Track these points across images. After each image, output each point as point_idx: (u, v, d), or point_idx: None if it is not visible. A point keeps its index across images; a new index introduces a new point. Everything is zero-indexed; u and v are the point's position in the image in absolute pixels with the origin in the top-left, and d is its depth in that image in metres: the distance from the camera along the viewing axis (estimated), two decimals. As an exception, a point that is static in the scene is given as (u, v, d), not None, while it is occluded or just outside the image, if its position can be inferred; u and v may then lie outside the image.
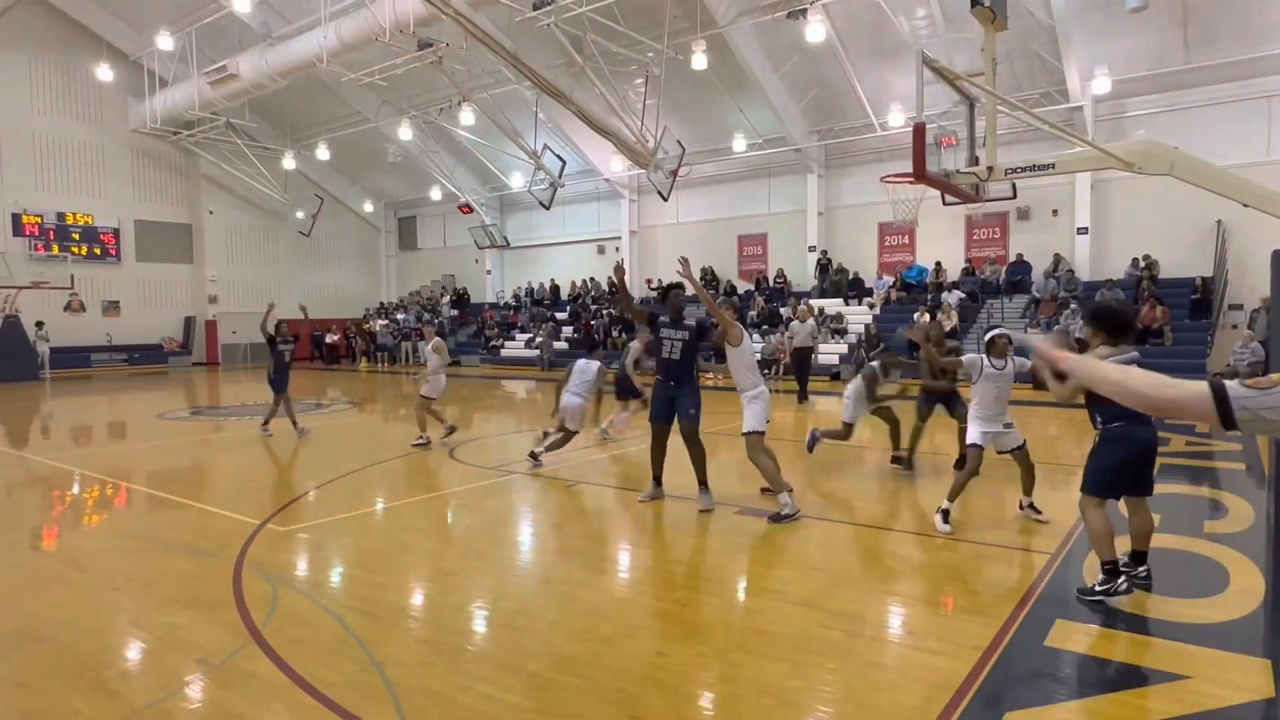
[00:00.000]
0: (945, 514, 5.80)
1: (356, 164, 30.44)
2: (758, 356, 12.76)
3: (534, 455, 8.55)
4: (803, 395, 14.67)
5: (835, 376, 18.16)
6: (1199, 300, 16.90)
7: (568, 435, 8.60)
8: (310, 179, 30.41)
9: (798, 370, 15.09)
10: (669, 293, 6.74)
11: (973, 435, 5.96)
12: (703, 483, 6.58)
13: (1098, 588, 4.32)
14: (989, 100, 9.42)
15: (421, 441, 9.90)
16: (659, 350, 6.55)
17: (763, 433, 6.29)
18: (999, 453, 6.19)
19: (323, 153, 27.12)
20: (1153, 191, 17.26)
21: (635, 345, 10.23)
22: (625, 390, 10.42)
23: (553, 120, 23.35)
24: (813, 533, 5.93)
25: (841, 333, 20.06)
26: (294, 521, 6.32)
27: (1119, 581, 4.31)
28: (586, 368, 8.86)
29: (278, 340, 11.11)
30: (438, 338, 10.47)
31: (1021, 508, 6.21)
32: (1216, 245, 17.45)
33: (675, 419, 6.52)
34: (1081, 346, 9.28)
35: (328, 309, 31.68)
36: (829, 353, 19.54)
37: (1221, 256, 17.27)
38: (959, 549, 5.45)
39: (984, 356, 6.09)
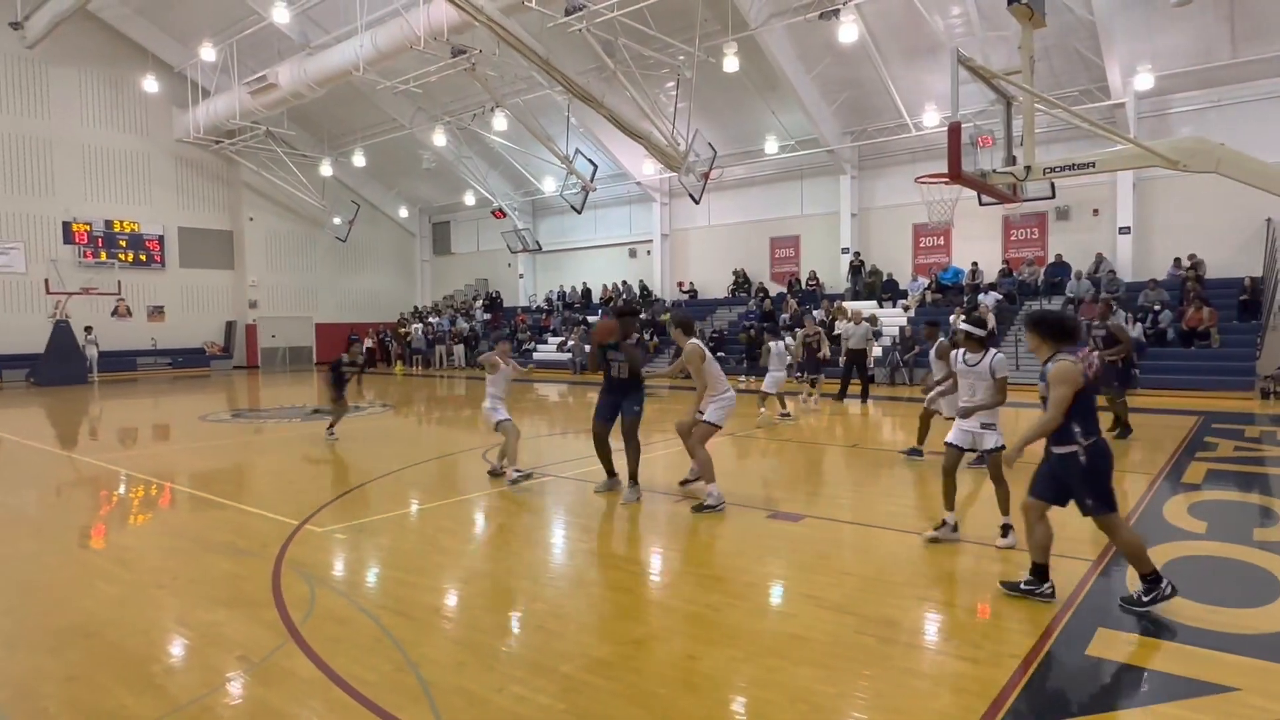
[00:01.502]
0: (1005, 529, 5.46)
1: (392, 170, 30.86)
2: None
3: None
4: (864, 397, 14.79)
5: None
6: (1247, 301, 16.41)
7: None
8: (347, 185, 30.91)
9: (848, 372, 15.09)
10: (622, 318, 7.32)
11: (950, 434, 5.73)
12: (633, 477, 7.08)
13: (1145, 598, 4.20)
14: (1027, 99, 9.26)
15: (518, 474, 7.92)
16: (608, 370, 7.15)
17: (718, 428, 6.84)
18: (973, 453, 5.80)
19: (359, 159, 27.57)
20: (1198, 189, 16.83)
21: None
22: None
23: (584, 125, 23.46)
24: (846, 537, 5.86)
25: (876, 335, 19.84)
26: (331, 522, 6.40)
27: (1164, 587, 4.19)
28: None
29: (343, 362, 11.60)
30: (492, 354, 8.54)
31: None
32: (1266, 244, 16.94)
33: (618, 418, 7.09)
34: (1108, 342, 9.04)
35: (364, 313, 32.19)
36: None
37: (1271, 256, 16.77)
38: (998, 555, 5.35)
39: (960, 350, 5.84)
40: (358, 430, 12.52)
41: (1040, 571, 4.40)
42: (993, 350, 5.73)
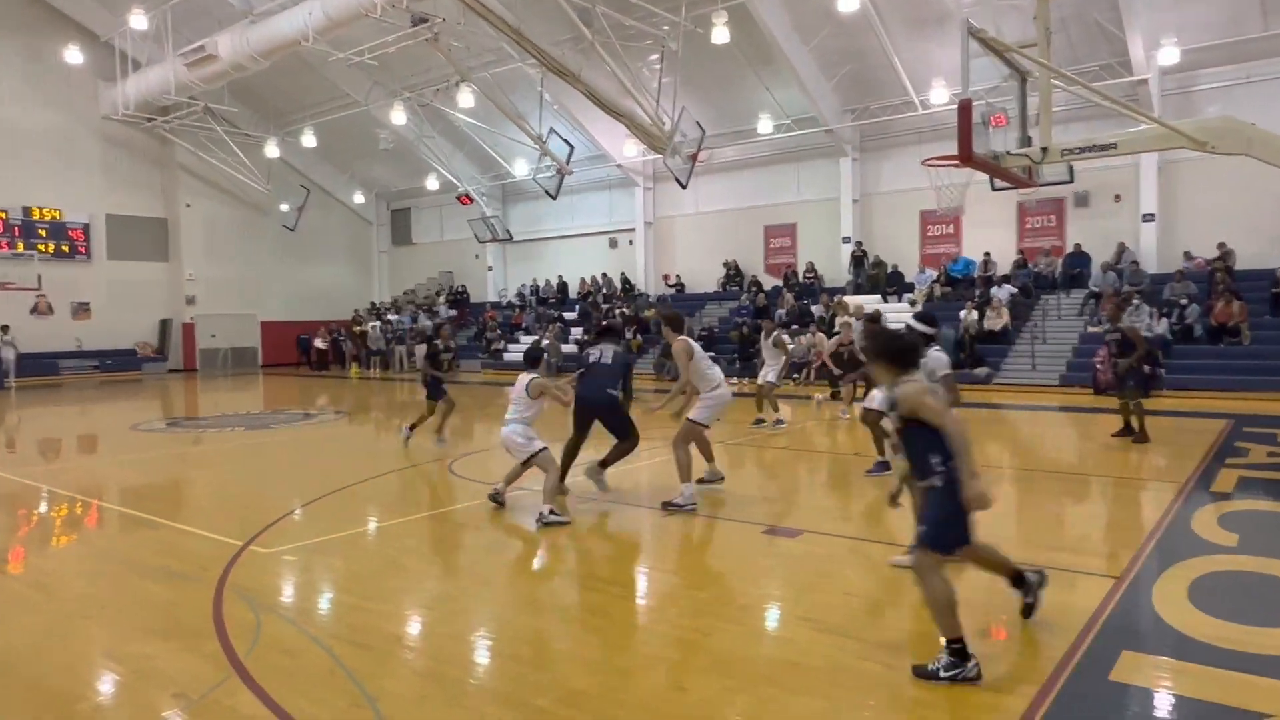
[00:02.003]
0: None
1: (345, 152, 30.63)
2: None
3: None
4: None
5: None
6: (1280, 295, 16.69)
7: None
8: (295, 168, 30.62)
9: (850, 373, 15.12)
10: (607, 333, 7.88)
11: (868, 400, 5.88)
12: (605, 465, 7.54)
13: (944, 673, 3.73)
14: (1043, 74, 9.36)
15: (554, 518, 6.97)
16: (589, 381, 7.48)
17: (705, 426, 7.15)
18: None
19: (309, 139, 27.34)
20: (1227, 173, 17.05)
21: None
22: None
23: (559, 101, 23.42)
24: (847, 555, 5.89)
25: (879, 333, 20.00)
26: (279, 543, 6.35)
27: (969, 665, 3.73)
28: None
29: (440, 350, 11.65)
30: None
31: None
32: (1300, 233, 17.22)
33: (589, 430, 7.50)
34: (1123, 347, 9.29)
35: (315, 310, 31.90)
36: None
37: (1307, 245, 17.05)
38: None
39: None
40: (309, 440, 12.41)
41: (957, 649, 3.77)
42: (933, 348, 5.82)
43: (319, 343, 29.83)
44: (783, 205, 24.60)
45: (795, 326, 21.13)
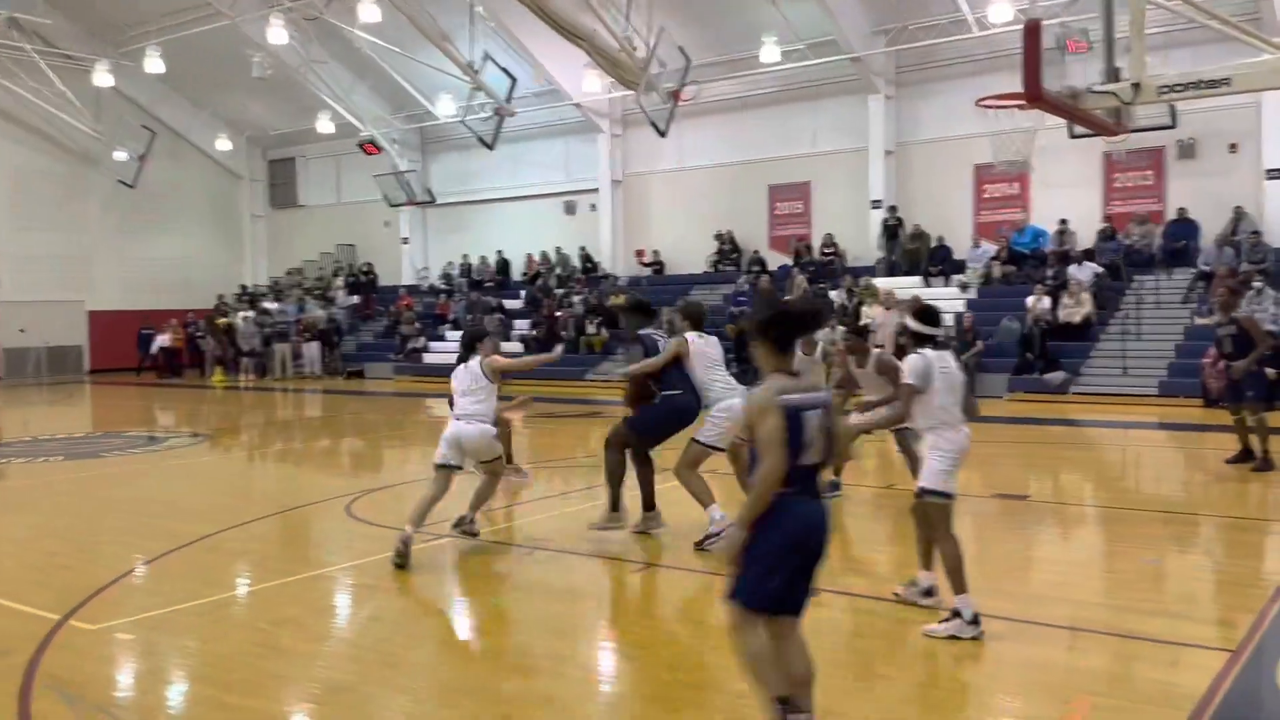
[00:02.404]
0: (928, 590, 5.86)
1: (205, 81, 30.28)
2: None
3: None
4: None
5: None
6: None
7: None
8: (136, 103, 30.26)
9: None
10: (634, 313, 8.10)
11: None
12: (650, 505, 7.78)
13: None
14: (1135, -15, 9.48)
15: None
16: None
17: (710, 449, 7.37)
18: None
19: (154, 64, 26.93)
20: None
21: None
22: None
23: (497, 18, 23.33)
24: (878, 621, 5.91)
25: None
26: (111, 616, 6.26)
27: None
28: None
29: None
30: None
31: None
32: None
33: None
34: (1239, 345, 9.52)
35: (165, 295, 31.39)
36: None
37: None
38: (1095, 642, 5.44)
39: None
40: (154, 474, 12.24)
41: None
42: (931, 352, 5.78)
43: (167, 339, 29.40)
44: (793, 159, 24.67)
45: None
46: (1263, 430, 10.23)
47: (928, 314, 5.82)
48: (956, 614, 5.41)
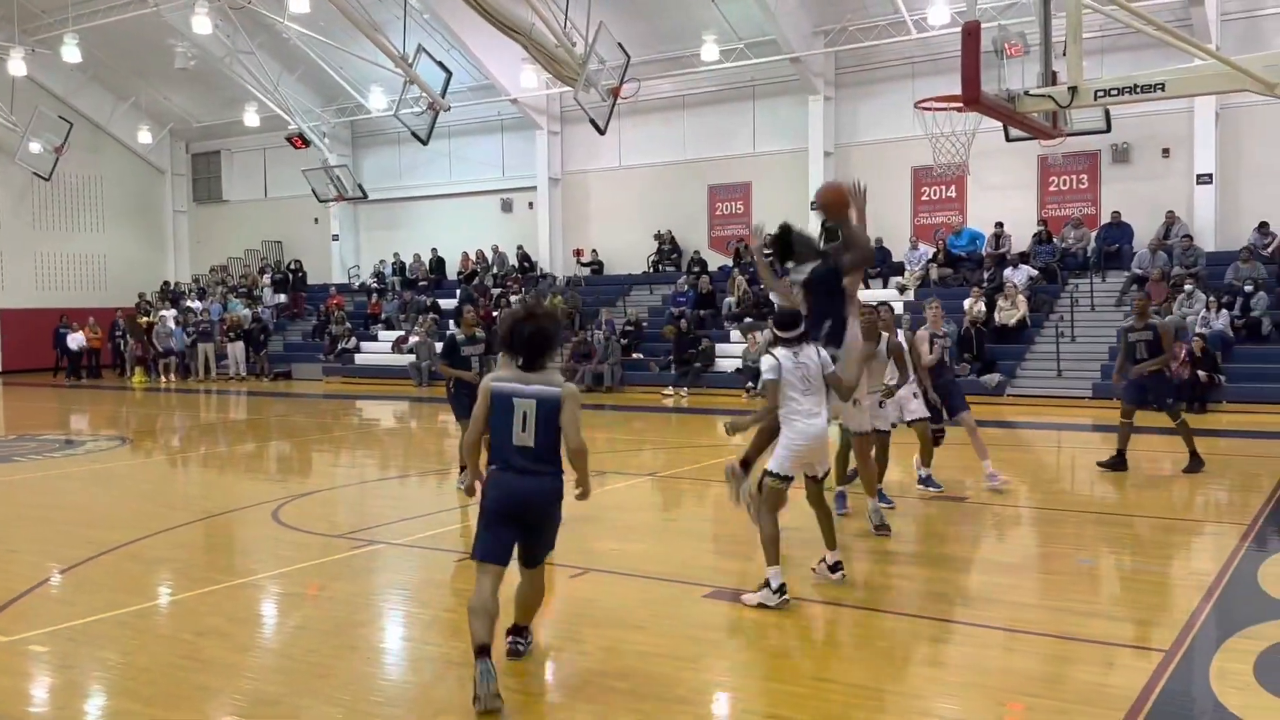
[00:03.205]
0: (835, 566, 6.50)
1: (126, 71, 29.89)
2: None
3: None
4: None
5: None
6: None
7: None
8: (52, 93, 29.82)
9: None
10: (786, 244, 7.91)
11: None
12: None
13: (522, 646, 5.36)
14: (1071, -10, 9.66)
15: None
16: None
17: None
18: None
19: (72, 52, 26.33)
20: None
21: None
22: None
23: (432, 10, 23.16)
24: (818, 625, 5.96)
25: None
26: (24, 627, 6.14)
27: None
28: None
29: (459, 340, 10.09)
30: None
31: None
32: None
33: None
34: (1153, 349, 9.83)
35: (82, 293, 31.03)
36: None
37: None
38: (1032, 644, 5.54)
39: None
40: (70, 479, 11.98)
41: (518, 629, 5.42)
42: (789, 350, 6.24)
43: (80, 339, 28.78)
44: (734, 159, 24.85)
45: (749, 320, 21.38)
46: (1186, 431, 10.53)
47: (782, 320, 6.30)
48: (767, 584, 5.98)
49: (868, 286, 21.52)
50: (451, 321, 16.48)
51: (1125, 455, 10.57)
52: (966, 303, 19.31)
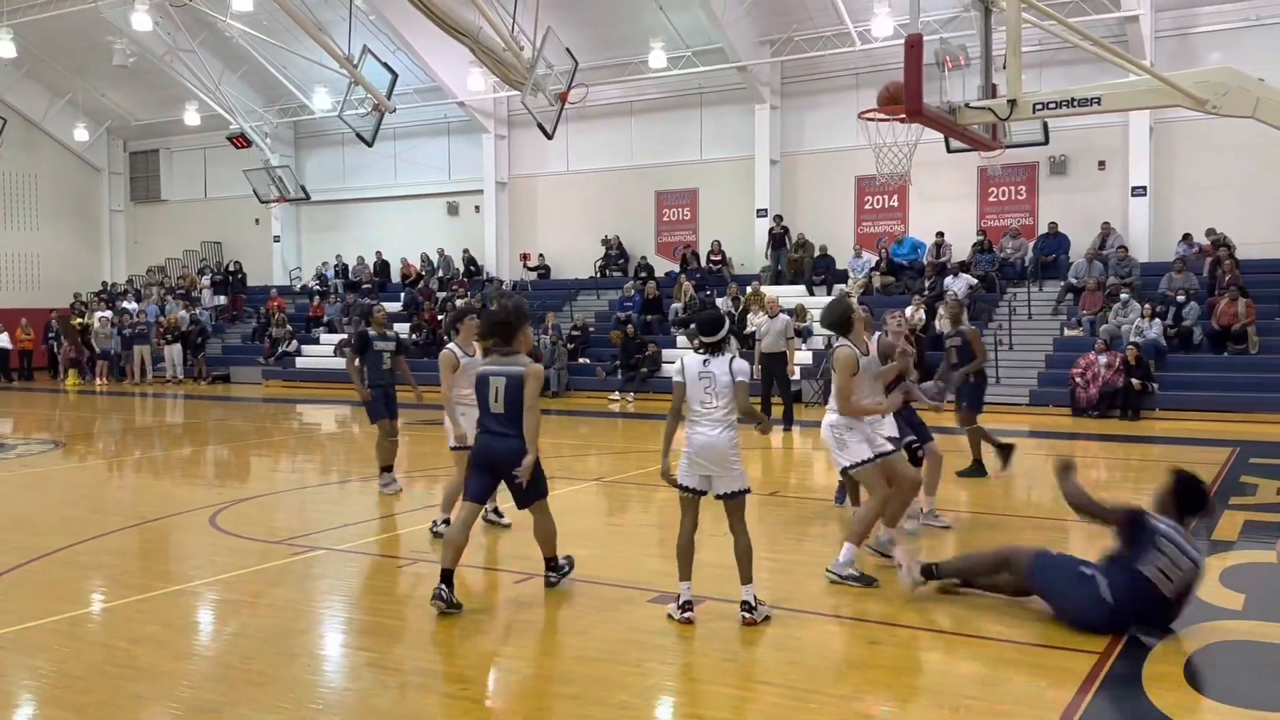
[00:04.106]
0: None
1: (63, 67, 29.54)
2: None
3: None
4: (787, 422, 15.38)
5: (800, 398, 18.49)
6: (1293, 292, 18.14)
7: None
8: (-15, 89, 29.23)
9: (767, 384, 15.70)
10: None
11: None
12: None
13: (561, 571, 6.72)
14: (1011, 5, 9.84)
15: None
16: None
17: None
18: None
19: (6, 47, 25.94)
20: (1231, 139, 18.39)
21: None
22: None
23: (378, 11, 23.00)
24: (762, 630, 6.00)
25: (804, 334, 20.53)
26: (-47, 634, 6.01)
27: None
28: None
29: (371, 336, 10.15)
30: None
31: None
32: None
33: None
34: (963, 355, 9.90)
35: (14, 293, 30.73)
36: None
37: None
38: (969, 646, 5.63)
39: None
40: (3, 483, 11.79)
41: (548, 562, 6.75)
42: (718, 358, 6.20)
43: (9, 339, 28.33)
44: (680, 165, 24.98)
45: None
46: (975, 437, 11.02)
47: (704, 324, 6.34)
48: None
49: (812, 294, 21.77)
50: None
51: (982, 461, 11.01)
52: (908, 311, 19.51)
